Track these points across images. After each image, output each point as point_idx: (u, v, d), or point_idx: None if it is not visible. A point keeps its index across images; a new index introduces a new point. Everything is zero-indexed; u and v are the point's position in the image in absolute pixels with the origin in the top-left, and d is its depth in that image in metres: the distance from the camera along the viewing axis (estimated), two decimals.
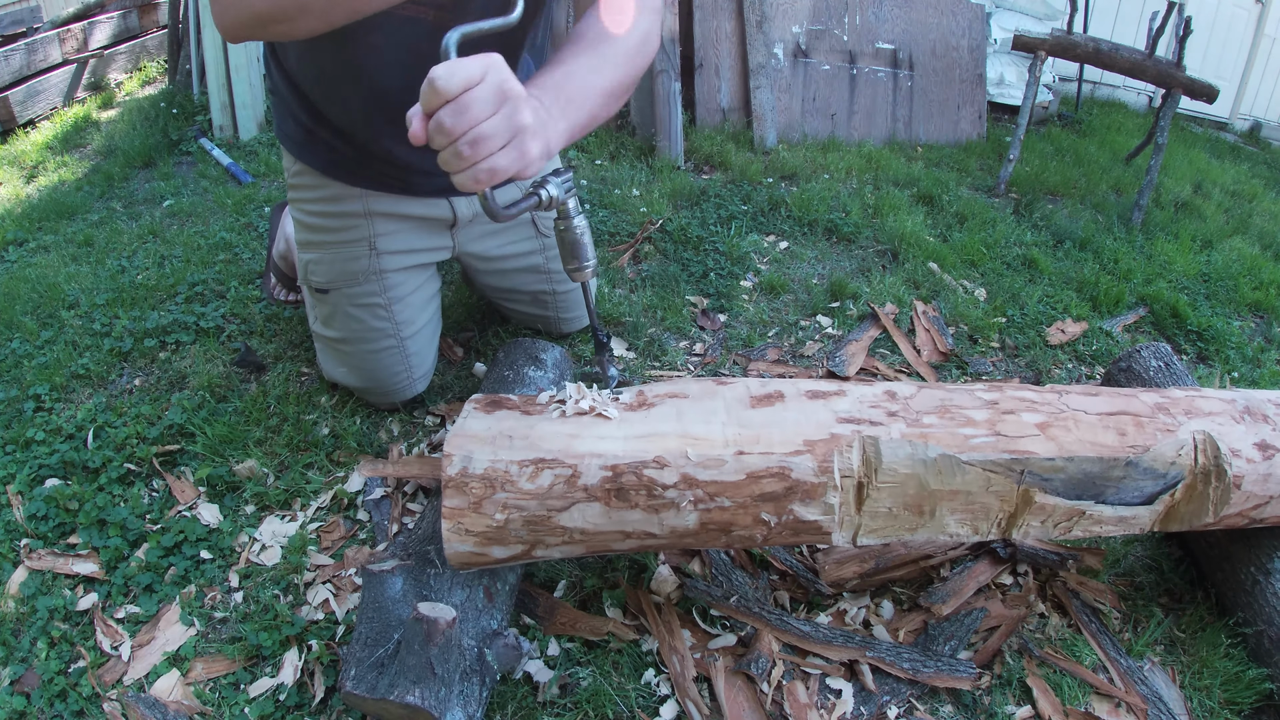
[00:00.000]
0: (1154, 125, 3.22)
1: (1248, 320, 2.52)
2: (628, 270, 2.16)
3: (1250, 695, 1.18)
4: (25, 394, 1.57)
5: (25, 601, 1.19)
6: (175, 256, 2.08)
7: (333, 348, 1.49)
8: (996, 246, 2.56)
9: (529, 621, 1.19)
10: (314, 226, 1.39)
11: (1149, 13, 4.35)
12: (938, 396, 1.09)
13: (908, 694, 1.13)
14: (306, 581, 1.25)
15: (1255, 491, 1.11)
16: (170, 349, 1.73)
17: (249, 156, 2.79)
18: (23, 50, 3.25)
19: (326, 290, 1.41)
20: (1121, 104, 5.43)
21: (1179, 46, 3.11)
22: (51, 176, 2.75)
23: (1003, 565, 1.35)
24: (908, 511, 1.02)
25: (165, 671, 1.11)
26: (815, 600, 1.28)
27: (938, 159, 3.43)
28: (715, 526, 0.99)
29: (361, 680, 0.94)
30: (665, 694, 1.11)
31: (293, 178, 1.39)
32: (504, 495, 0.95)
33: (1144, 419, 1.10)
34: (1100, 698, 1.17)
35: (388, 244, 1.40)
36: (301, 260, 1.43)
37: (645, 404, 1.05)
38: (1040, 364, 2.01)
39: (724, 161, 2.91)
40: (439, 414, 1.59)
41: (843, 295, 2.14)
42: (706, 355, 1.85)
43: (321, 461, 1.46)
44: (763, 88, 3.21)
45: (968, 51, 3.78)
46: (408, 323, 1.47)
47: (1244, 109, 6.42)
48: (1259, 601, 1.23)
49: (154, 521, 1.33)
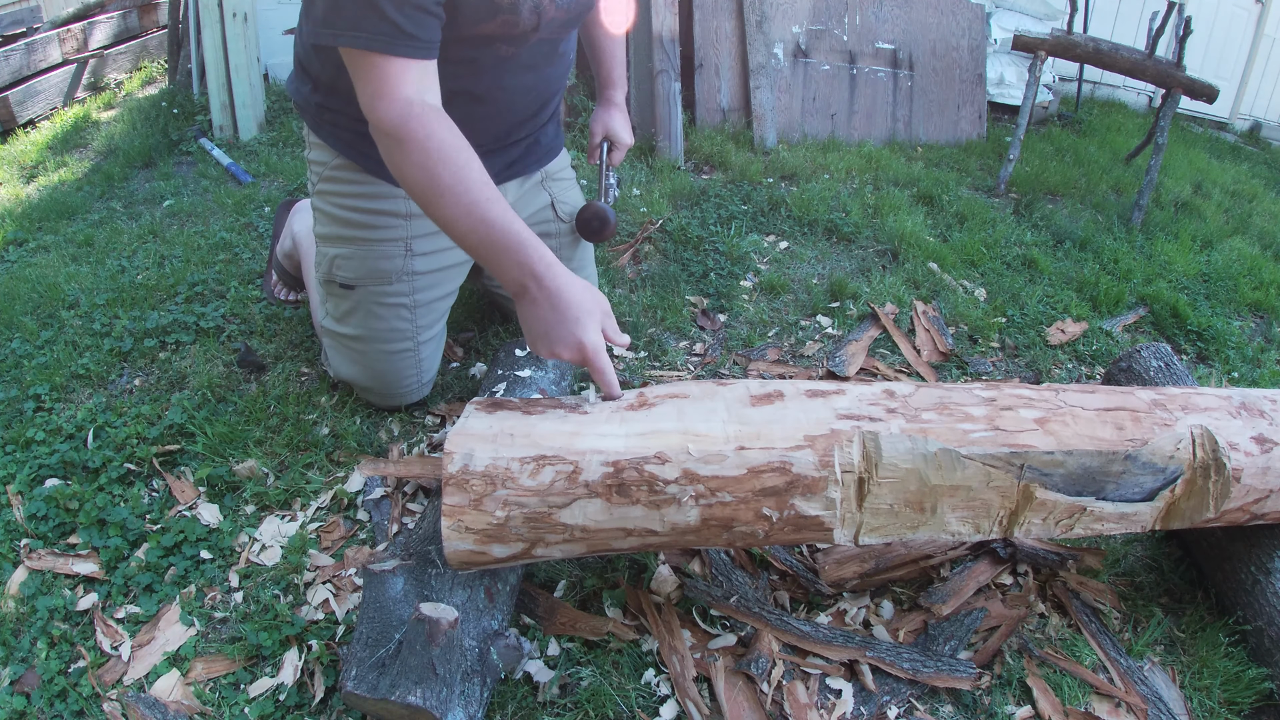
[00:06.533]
0: (1154, 125, 3.22)
1: (1248, 320, 2.52)
2: (628, 270, 2.16)
3: (1250, 695, 1.18)
4: (25, 394, 1.57)
5: (25, 601, 1.19)
6: (175, 256, 2.08)
7: (346, 345, 1.48)
8: (996, 246, 2.57)
9: (529, 621, 1.19)
10: (348, 221, 1.38)
11: (1149, 13, 4.36)
12: (936, 394, 1.09)
13: (908, 694, 1.13)
14: (306, 581, 1.25)
15: (1255, 485, 1.12)
16: (170, 349, 1.73)
17: (249, 156, 2.80)
18: (22, 50, 3.25)
19: (352, 287, 1.41)
20: (1121, 104, 5.44)
21: (1179, 46, 3.11)
22: (51, 176, 2.75)
23: (1003, 565, 1.35)
24: (909, 508, 1.02)
25: (165, 671, 1.11)
26: (815, 600, 1.28)
27: (938, 159, 3.43)
28: (717, 523, 0.99)
29: (362, 680, 0.94)
30: (665, 694, 1.11)
31: (331, 171, 1.37)
32: (505, 492, 0.95)
33: (1141, 414, 1.11)
34: (1100, 698, 1.17)
35: (424, 245, 1.40)
36: (326, 254, 1.42)
37: (646, 404, 1.05)
38: (1040, 364, 2.01)
39: (724, 161, 2.91)
40: (439, 414, 1.59)
41: (843, 295, 2.14)
42: (706, 355, 1.85)
43: (321, 461, 1.46)
44: (763, 88, 3.21)
45: (968, 51, 3.78)
46: (427, 326, 1.47)
47: (1244, 109, 6.42)
48: (1259, 601, 1.23)
49: (154, 521, 1.33)
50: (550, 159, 1.59)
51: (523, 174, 1.53)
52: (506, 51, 1.22)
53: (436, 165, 1.05)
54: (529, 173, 1.54)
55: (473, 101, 1.29)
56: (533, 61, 1.30)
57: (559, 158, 1.62)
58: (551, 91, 1.44)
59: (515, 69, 1.29)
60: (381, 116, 1.05)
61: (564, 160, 1.64)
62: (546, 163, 1.58)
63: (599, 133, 1.65)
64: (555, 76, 1.41)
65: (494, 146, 1.42)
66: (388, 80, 1.04)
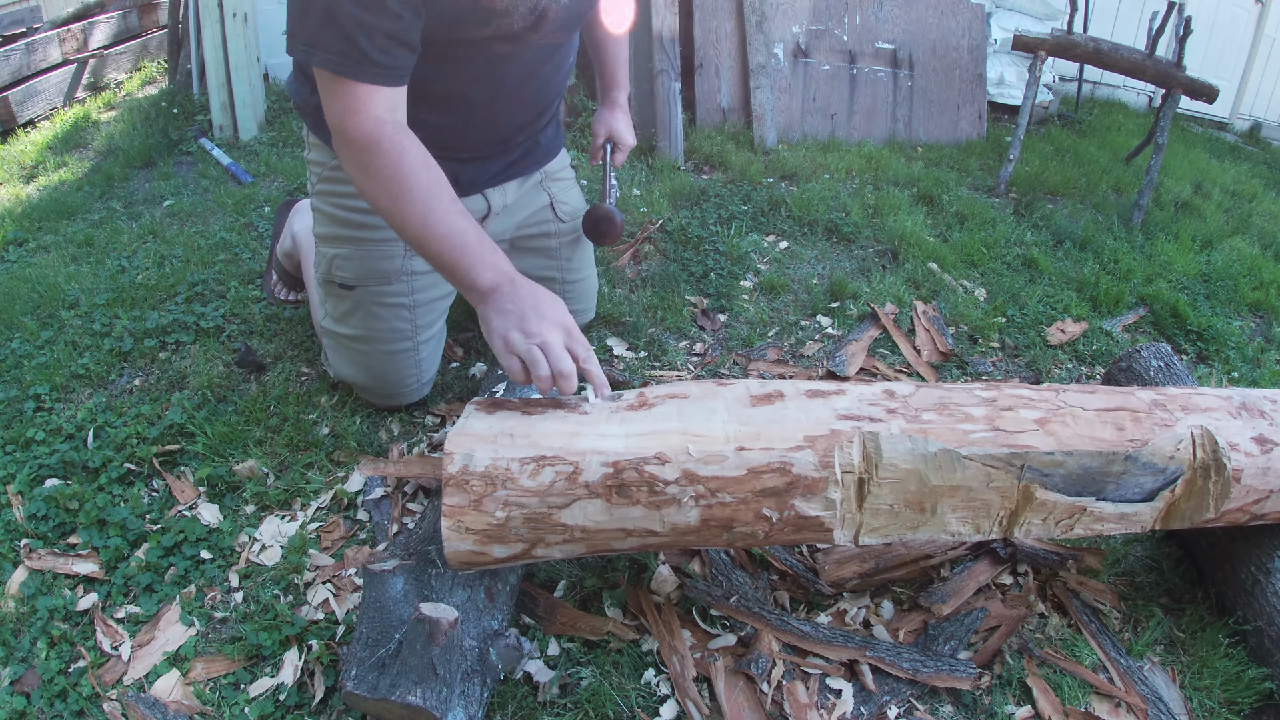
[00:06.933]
0: (1154, 125, 3.22)
1: (1248, 320, 2.52)
2: (628, 270, 2.16)
3: (1250, 695, 1.18)
4: (25, 394, 1.57)
5: (25, 601, 1.19)
6: (175, 256, 2.08)
7: (345, 345, 1.48)
8: (996, 246, 2.57)
9: (529, 621, 1.19)
10: (348, 222, 1.38)
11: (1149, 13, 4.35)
12: (936, 395, 1.09)
13: (908, 694, 1.13)
14: (306, 581, 1.25)
15: (1255, 485, 1.12)
16: (170, 349, 1.73)
17: (249, 156, 2.80)
18: (22, 50, 3.25)
19: (351, 287, 1.41)
20: (1121, 104, 5.43)
21: (1179, 46, 3.11)
22: (51, 176, 2.75)
23: (1003, 565, 1.35)
24: (909, 509, 1.02)
25: (165, 671, 1.11)
26: (815, 600, 1.28)
27: (938, 159, 3.43)
28: (717, 523, 0.99)
29: (362, 680, 0.94)
30: (665, 694, 1.11)
31: (331, 171, 1.37)
32: (505, 492, 0.95)
33: (1141, 414, 1.11)
34: (1100, 698, 1.17)
35: None
36: (325, 254, 1.42)
37: (646, 404, 1.05)
38: (1040, 364, 2.01)
39: (724, 161, 2.91)
40: (439, 414, 1.59)
41: (843, 295, 2.14)
42: (706, 355, 1.85)
43: (321, 461, 1.46)
44: (763, 88, 3.21)
45: (968, 51, 3.78)
46: (426, 326, 1.47)
47: (1244, 109, 6.42)
48: (1259, 601, 1.23)
49: (154, 521, 1.33)
50: (550, 159, 1.59)
51: (522, 174, 1.53)
52: (505, 50, 1.22)
53: (408, 175, 1.07)
54: (528, 173, 1.54)
55: (472, 106, 1.29)
56: (533, 66, 1.30)
57: (559, 158, 1.62)
58: (552, 95, 1.44)
59: (515, 73, 1.29)
60: (353, 132, 1.07)
61: (563, 160, 1.64)
62: (546, 163, 1.58)
63: (601, 134, 1.65)
64: (556, 81, 1.41)
65: (494, 149, 1.42)
66: (357, 99, 1.06)
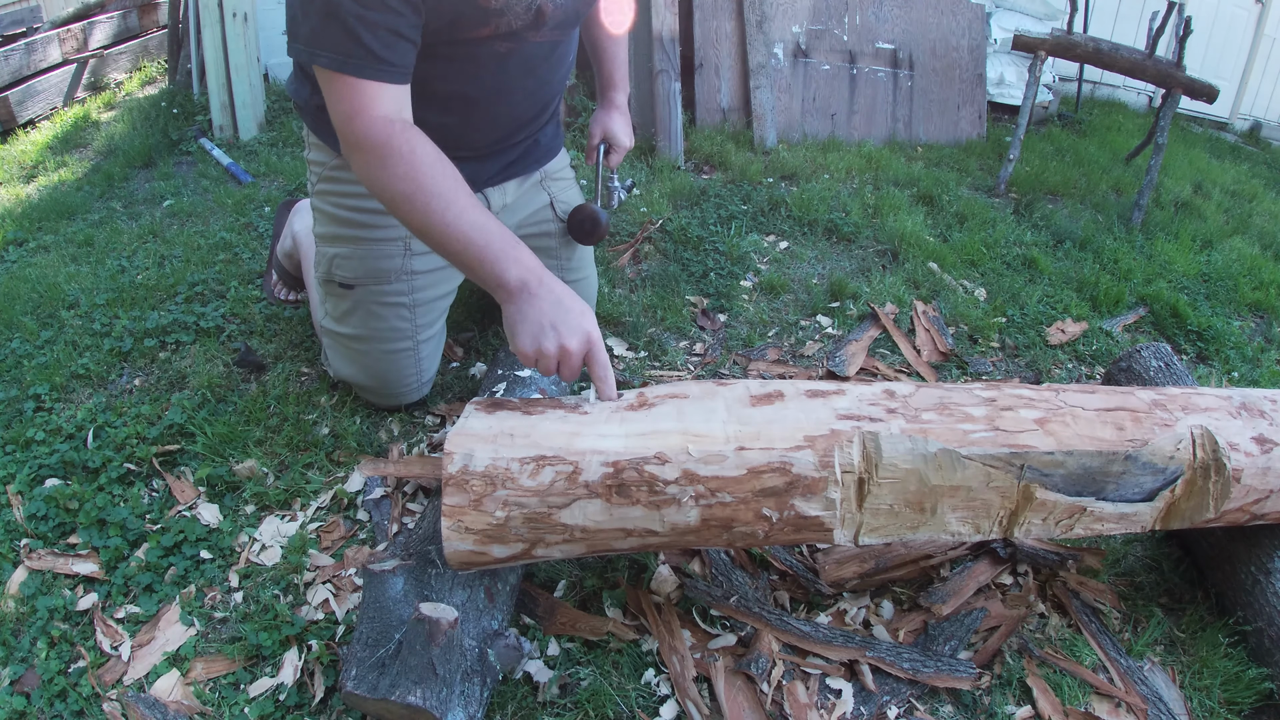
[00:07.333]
0: (1154, 125, 3.22)
1: (1248, 320, 2.52)
2: (628, 270, 2.16)
3: (1250, 695, 1.18)
4: (25, 394, 1.57)
5: (25, 601, 1.19)
6: (175, 256, 2.08)
7: (345, 345, 1.48)
8: (996, 246, 2.57)
9: (529, 621, 1.19)
10: (348, 221, 1.38)
11: (1149, 13, 4.35)
12: (936, 395, 1.09)
13: (908, 694, 1.13)
14: (306, 581, 1.25)
15: (1255, 485, 1.12)
16: (170, 349, 1.73)
17: (249, 156, 2.80)
18: (22, 50, 3.25)
19: (351, 286, 1.41)
20: (1121, 104, 5.43)
21: (1179, 46, 3.11)
22: (51, 176, 2.75)
23: (1003, 565, 1.35)
24: (909, 509, 1.02)
25: (165, 671, 1.11)
26: (815, 600, 1.28)
27: (938, 159, 3.43)
28: (717, 523, 0.99)
29: (362, 680, 0.94)
30: (665, 694, 1.11)
31: (331, 171, 1.37)
32: (505, 492, 0.95)
33: (1141, 414, 1.11)
34: (1100, 698, 1.17)
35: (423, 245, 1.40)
36: (325, 254, 1.42)
37: (646, 404, 1.05)
38: (1040, 364, 2.01)
39: (724, 161, 2.91)
40: (439, 414, 1.59)
41: (843, 295, 2.14)
42: (706, 355, 1.85)
43: (321, 461, 1.46)
44: (763, 88, 3.21)
45: (968, 51, 3.78)
46: (426, 325, 1.47)
47: (1244, 109, 6.42)
48: (1259, 601, 1.23)
49: (154, 521, 1.33)
50: (549, 159, 1.59)
51: (522, 174, 1.53)
52: (504, 48, 1.22)
53: (424, 174, 1.05)
54: (528, 172, 1.54)
55: (471, 105, 1.29)
56: (532, 65, 1.30)
57: (558, 157, 1.62)
58: (551, 94, 1.44)
59: (515, 72, 1.29)
60: (362, 135, 1.06)
61: (563, 160, 1.64)
62: (545, 163, 1.58)
63: (597, 134, 1.65)
64: (555, 80, 1.41)
65: (493, 149, 1.42)
66: (363, 99, 1.05)
